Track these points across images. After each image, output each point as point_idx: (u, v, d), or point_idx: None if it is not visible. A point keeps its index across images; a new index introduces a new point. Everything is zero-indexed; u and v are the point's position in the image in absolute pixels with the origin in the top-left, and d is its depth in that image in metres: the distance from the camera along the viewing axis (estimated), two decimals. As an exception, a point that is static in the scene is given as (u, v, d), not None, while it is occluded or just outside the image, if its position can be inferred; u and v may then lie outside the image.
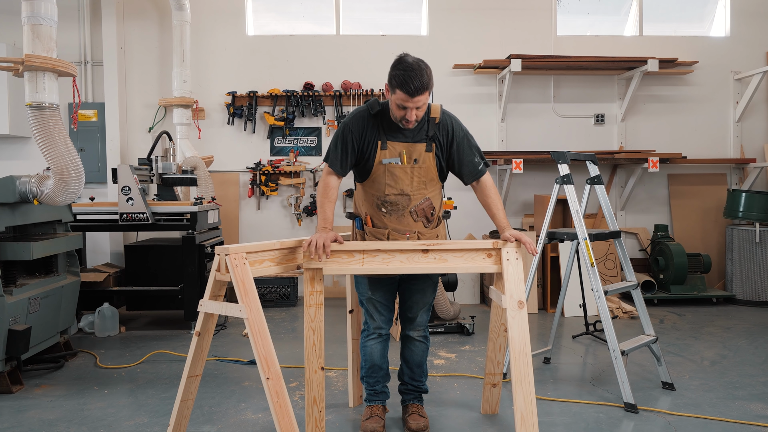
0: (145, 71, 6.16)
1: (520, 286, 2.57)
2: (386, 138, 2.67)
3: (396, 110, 2.59)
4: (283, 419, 2.28)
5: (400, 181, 2.68)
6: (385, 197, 2.69)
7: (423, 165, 2.69)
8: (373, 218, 2.75)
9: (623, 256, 3.60)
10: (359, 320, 3.15)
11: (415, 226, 2.74)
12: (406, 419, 2.92)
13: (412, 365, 2.96)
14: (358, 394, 3.23)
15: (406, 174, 2.68)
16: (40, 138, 3.36)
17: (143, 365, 3.92)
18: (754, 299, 5.70)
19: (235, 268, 2.35)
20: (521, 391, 2.45)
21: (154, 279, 4.92)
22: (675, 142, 6.34)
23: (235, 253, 2.37)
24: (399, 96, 2.53)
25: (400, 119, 2.61)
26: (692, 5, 6.58)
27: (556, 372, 3.76)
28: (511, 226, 2.73)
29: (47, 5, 3.32)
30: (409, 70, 2.50)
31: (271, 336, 2.35)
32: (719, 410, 3.08)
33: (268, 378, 2.29)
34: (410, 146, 2.68)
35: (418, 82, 2.48)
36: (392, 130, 2.68)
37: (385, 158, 2.67)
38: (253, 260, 2.48)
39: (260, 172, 6.10)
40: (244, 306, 2.32)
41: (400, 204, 2.70)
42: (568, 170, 3.47)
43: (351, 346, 3.21)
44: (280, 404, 2.29)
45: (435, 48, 6.19)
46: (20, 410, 3.16)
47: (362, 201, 2.80)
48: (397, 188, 2.68)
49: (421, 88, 2.50)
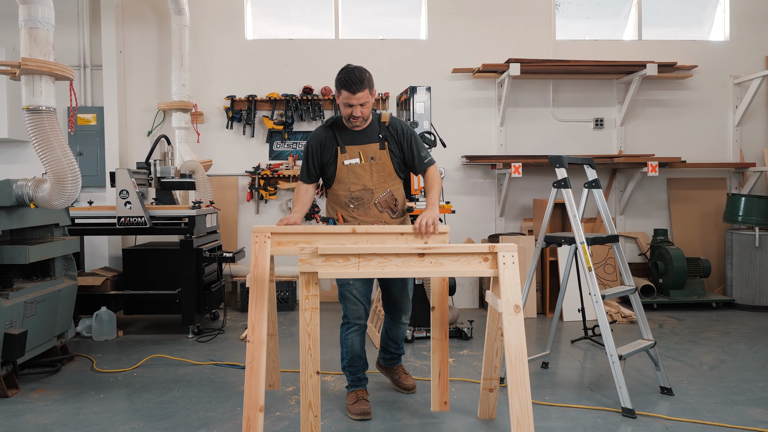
0: (144, 75, 6.17)
1: (517, 290, 2.56)
2: (344, 143, 3.14)
3: (344, 109, 3.06)
4: (251, 379, 2.58)
5: (362, 178, 3.13)
6: (351, 194, 3.14)
7: (379, 161, 3.15)
8: (344, 215, 3.18)
9: (621, 261, 3.59)
10: (443, 318, 3.18)
11: (381, 216, 3.18)
12: (397, 380, 3.47)
13: (397, 340, 3.43)
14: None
15: (366, 171, 3.13)
16: (37, 141, 3.36)
17: (140, 369, 3.91)
18: (754, 304, 5.68)
19: (254, 245, 2.78)
20: (517, 395, 2.44)
21: (152, 283, 4.91)
22: (674, 146, 6.34)
23: (258, 232, 2.83)
24: (344, 96, 3.01)
25: (348, 117, 3.07)
26: (691, 10, 6.59)
27: (554, 376, 3.75)
28: (435, 208, 3.08)
29: (44, 9, 3.32)
30: (349, 72, 3.03)
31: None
32: (718, 415, 3.06)
33: (250, 341, 2.63)
34: (366, 147, 3.15)
35: (356, 80, 2.99)
36: (349, 137, 3.15)
37: (346, 159, 3.13)
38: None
39: (259, 176, 6.10)
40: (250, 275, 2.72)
41: (364, 198, 3.14)
42: (566, 174, 3.47)
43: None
44: (252, 366, 2.61)
45: (434, 52, 6.19)
46: (16, 414, 3.15)
47: (332, 203, 3.24)
48: (360, 184, 3.13)
49: (360, 85, 2.99)
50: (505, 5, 6.27)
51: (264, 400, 2.61)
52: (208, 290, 4.95)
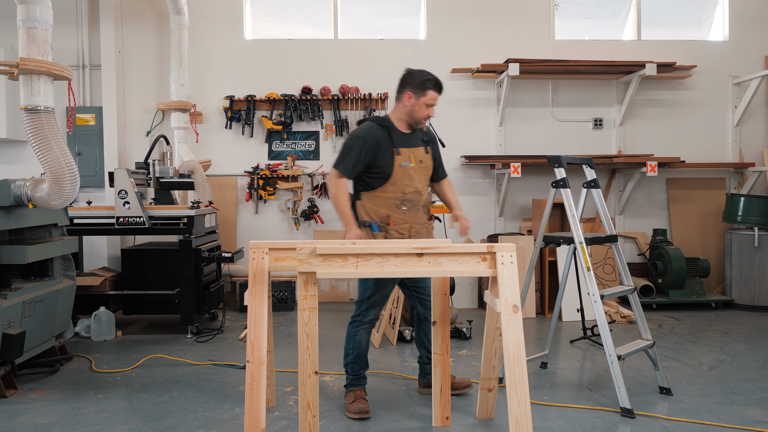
0: (143, 75, 6.17)
1: (515, 290, 2.56)
2: (397, 145, 3.17)
3: (423, 110, 3.18)
4: (251, 401, 2.54)
5: (414, 180, 3.18)
6: (405, 196, 3.16)
7: (425, 165, 3.23)
8: (395, 217, 3.16)
9: (620, 260, 3.59)
10: (445, 334, 3.04)
11: (423, 218, 3.25)
12: (454, 384, 3.33)
13: (429, 346, 3.23)
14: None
15: (417, 173, 3.19)
16: (35, 141, 3.35)
17: (139, 369, 3.91)
18: (753, 304, 5.68)
19: (252, 260, 2.71)
20: (516, 395, 2.43)
21: (151, 283, 4.91)
22: (674, 146, 6.33)
23: (255, 248, 2.75)
24: (430, 96, 3.15)
25: (423, 118, 3.20)
26: (691, 9, 6.59)
27: (553, 376, 3.74)
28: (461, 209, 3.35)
29: (43, 9, 3.32)
30: (430, 74, 3.18)
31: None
32: (717, 416, 3.06)
33: (249, 361, 2.59)
34: (415, 150, 3.21)
35: (441, 83, 3.20)
36: (400, 139, 3.20)
37: (402, 161, 3.14)
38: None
39: (258, 176, 6.09)
40: (248, 293, 2.70)
41: (415, 200, 3.19)
42: (564, 174, 3.46)
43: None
44: (253, 387, 2.57)
45: (433, 52, 6.19)
46: (14, 414, 3.15)
47: (377, 206, 3.17)
48: (412, 186, 3.17)
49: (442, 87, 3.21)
50: (504, 5, 6.27)
51: (265, 422, 2.57)
52: (207, 290, 4.94)
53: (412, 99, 3.17)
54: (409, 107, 3.19)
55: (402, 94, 3.21)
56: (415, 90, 3.16)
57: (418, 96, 3.16)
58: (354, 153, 3.12)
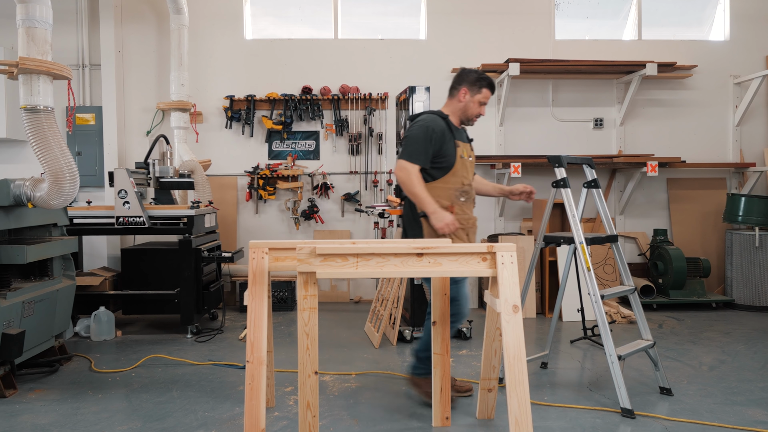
0: (143, 75, 6.16)
1: (515, 290, 2.55)
2: (456, 137, 3.24)
3: (476, 108, 3.28)
4: (251, 401, 2.54)
5: (469, 172, 3.28)
6: (463, 186, 3.23)
7: (473, 160, 3.37)
8: (455, 208, 3.20)
9: (620, 261, 3.58)
10: (445, 334, 3.02)
11: (472, 212, 3.33)
12: (454, 385, 3.33)
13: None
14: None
15: (471, 167, 3.32)
16: (35, 141, 3.35)
17: (138, 369, 3.90)
18: (754, 304, 5.67)
19: (252, 260, 2.69)
20: (516, 396, 2.42)
21: (151, 283, 4.90)
22: (674, 146, 6.33)
23: (255, 248, 2.73)
24: (485, 94, 3.27)
25: (475, 115, 3.31)
26: (691, 9, 6.58)
27: (553, 377, 3.74)
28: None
29: (42, 8, 3.32)
30: (485, 74, 3.28)
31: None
32: (717, 416, 3.06)
33: (249, 361, 2.59)
34: (465, 145, 3.31)
35: (493, 82, 3.31)
36: (456, 133, 3.26)
37: (461, 153, 3.22)
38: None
39: (258, 176, 6.08)
40: (248, 293, 2.69)
41: (470, 193, 3.29)
42: (565, 174, 3.46)
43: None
44: (253, 387, 2.57)
45: (433, 52, 6.18)
46: (13, 414, 3.14)
47: (438, 197, 3.16)
48: (468, 178, 3.27)
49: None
50: (504, 5, 6.27)
51: (265, 422, 2.57)
52: (207, 290, 4.94)
53: (467, 95, 3.26)
54: (464, 103, 3.28)
55: (457, 90, 3.28)
56: (471, 87, 3.25)
57: (473, 93, 3.25)
58: (424, 141, 3.13)
